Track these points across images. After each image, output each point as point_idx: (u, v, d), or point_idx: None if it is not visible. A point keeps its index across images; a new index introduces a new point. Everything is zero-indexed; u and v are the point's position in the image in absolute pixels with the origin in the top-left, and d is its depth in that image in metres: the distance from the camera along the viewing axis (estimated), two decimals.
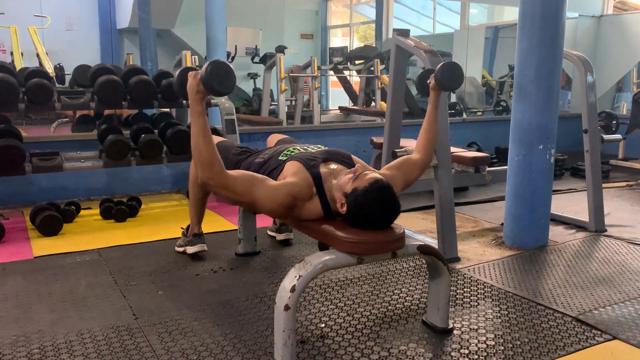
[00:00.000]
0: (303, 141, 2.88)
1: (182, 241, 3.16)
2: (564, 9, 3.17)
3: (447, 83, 2.50)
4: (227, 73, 1.91)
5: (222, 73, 1.90)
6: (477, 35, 8.59)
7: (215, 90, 1.93)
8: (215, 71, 1.89)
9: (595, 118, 3.72)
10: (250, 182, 2.08)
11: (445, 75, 2.47)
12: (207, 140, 1.96)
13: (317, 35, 12.19)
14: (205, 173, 1.99)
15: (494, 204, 4.42)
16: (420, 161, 2.46)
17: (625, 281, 2.81)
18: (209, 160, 1.97)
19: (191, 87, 1.96)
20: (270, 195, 2.08)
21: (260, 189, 2.08)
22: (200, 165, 1.99)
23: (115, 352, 2.05)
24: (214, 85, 1.89)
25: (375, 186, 1.98)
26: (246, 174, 2.12)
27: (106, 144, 3.71)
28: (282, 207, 2.11)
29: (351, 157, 2.36)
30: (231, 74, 1.93)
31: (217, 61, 1.92)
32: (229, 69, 1.92)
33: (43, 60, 6.47)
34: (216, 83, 1.90)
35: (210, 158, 1.97)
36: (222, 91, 1.95)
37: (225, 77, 1.91)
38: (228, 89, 1.95)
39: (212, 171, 1.98)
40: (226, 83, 1.92)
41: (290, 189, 2.11)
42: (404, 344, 2.13)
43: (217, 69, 1.90)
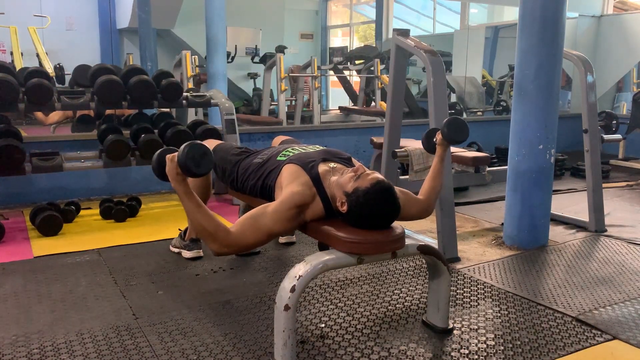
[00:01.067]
0: (303, 141, 2.88)
1: (178, 243, 3.15)
2: (564, 9, 3.17)
3: (454, 137, 2.54)
4: (203, 154, 1.92)
5: (198, 155, 1.91)
6: (477, 35, 8.58)
7: (192, 173, 1.93)
8: (192, 154, 1.90)
9: (595, 118, 3.72)
10: (255, 224, 2.04)
11: (452, 130, 2.52)
12: (204, 215, 1.96)
13: (317, 35, 12.19)
14: (214, 245, 2.00)
15: (494, 204, 4.42)
16: (423, 203, 2.43)
17: (625, 281, 2.81)
18: (213, 231, 1.97)
19: (170, 170, 1.96)
20: (276, 219, 2.05)
21: (266, 220, 2.05)
22: (206, 239, 2.00)
23: (115, 352, 2.05)
24: (191, 168, 1.91)
25: (377, 187, 1.98)
26: (247, 220, 2.06)
27: (106, 144, 3.71)
28: (292, 221, 2.10)
29: (351, 159, 2.36)
30: (208, 155, 1.94)
31: (193, 144, 1.92)
32: (205, 150, 1.93)
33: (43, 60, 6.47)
34: (193, 166, 1.91)
35: (214, 229, 1.97)
36: (199, 173, 1.95)
37: (202, 158, 1.92)
38: (206, 170, 1.96)
39: (219, 240, 1.98)
40: (204, 164, 1.93)
41: (292, 201, 2.08)
42: (404, 344, 2.13)
43: (194, 151, 1.90)
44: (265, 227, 2.04)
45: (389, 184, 2.03)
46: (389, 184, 2.03)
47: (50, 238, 3.39)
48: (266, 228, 2.05)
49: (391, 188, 2.02)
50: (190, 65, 6.46)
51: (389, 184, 2.04)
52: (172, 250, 3.17)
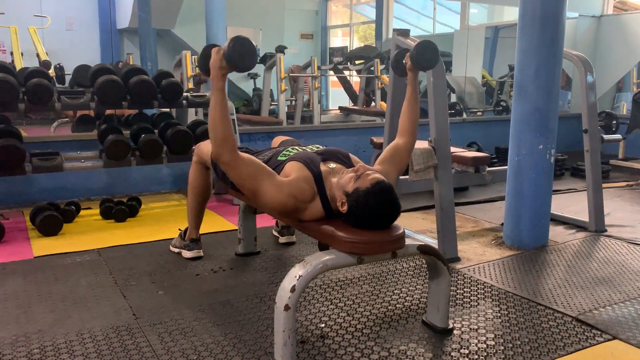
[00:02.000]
0: (303, 141, 2.88)
1: (178, 243, 3.16)
2: (564, 9, 3.17)
3: (423, 63, 2.48)
4: (249, 50, 1.97)
5: (244, 50, 1.95)
6: (477, 35, 8.58)
7: (237, 66, 1.98)
8: (238, 48, 1.94)
9: (595, 118, 3.72)
10: (258, 171, 2.10)
11: (421, 55, 2.44)
12: (223, 117, 2.03)
13: (317, 35, 12.19)
14: (217, 149, 2.04)
15: (494, 204, 4.42)
16: (408, 145, 2.47)
17: (625, 281, 2.81)
18: (222, 136, 2.02)
19: (214, 62, 2.01)
20: (272, 193, 2.09)
21: (266, 181, 2.09)
22: (214, 140, 2.04)
23: (115, 352, 2.05)
24: (236, 61, 1.95)
25: (377, 187, 1.98)
26: (256, 162, 2.13)
27: (106, 144, 3.71)
28: (281, 207, 2.11)
29: (349, 156, 2.36)
30: (253, 50, 1.98)
31: (240, 37, 1.96)
32: (251, 46, 1.97)
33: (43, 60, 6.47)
34: (238, 59, 1.95)
35: (224, 134, 2.02)
36: (243, 67, 2.00)
37: (247, 53, 1.96)
38: (250, 66, 2.00)
39: (224, 147, 2.03)
40: (248, 59, 1.97)
41: (293, 190, 2.10)
42: (404, 344, 2.13)
43: (240, 45, 1.95)
44: (261, 183, 2.08)
45: (389, 184, 2.03)
46: (389, 184, 2.03)
47: (50, 238, 3.39)
48: (260, 185, 2.08)
49: (391, 188, 2.02)
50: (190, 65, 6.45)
51: (389, 184, 2.04)
52: (172, 250, 3.17)
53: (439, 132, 3.05)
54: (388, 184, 2.03)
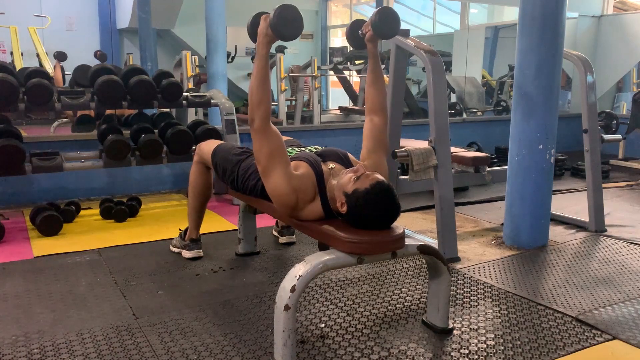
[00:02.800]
0: (303, 141, 2.89)
1: (178, 243, 3.16)
2: (564, 9, 3.17)
3: (385, 30, 2.33)
4: (294, 18, 2.00)
5: (290, 18, 1.99)
6: (477, 35, 8.58)
7: (282, 34, 2.01)
8: (284, 16, 1.98)
9: (595, 118, 3.72)
10: (278, 152, 2.12)
11: (383, 22, 2.30)
12: (262, 83, 2.10)
13: (317, 35, 12.18)
14: (252, 112, 2.11)
15: (494, 204, 4.42)
16: (383, 121, 2.41)
17: (625, 281, 2.81)
18: (258, 100, 2.10)
19: (261, 30, 2.07)
20: (280, 179, 2.10)
21: (279, 166, 2.11)
22: (250, 104, 2.11)
23: (115, 352, 2.05)
24: (281, 28, 1.99)
25: (376, 188, 1.98)
26: (282, 143, 2.16)
27: (106, 144, 3.71)
28: (282, 197, 2.12)
29: (348, 155, 2.36)
30: (299, 18, 2.01)
31: (286, 5, 1.99)
32: (297, 14, 2.00)
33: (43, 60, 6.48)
34: (283, 26, 1.99)
35: (260, 99, 2.10)
36: (288, 34, 2.02)
37: (293, 21, 1.99)
38: (295, 34, 2.03)
39: (257, 112, 2.10)
40: (293, 27, 2.00)
41: (299, 184, 2.11)
42: (404, 344, 2.13)
43: (286, 14, 1.98)
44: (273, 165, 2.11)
45: (388, 184, 2.03)
46: (389, 185, 2.03)
47: (50, 238, 3.39)
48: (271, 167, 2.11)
49: (391, 189, 2.02)
50: (190, 65, 6.46)
51: (389, 184, 2.03)
52: (172, 250, 3.17)
53: (439, 132, 3.05)
54: (387, 184, 2.03)
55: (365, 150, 2.39)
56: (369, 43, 2.39)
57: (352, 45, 2.53)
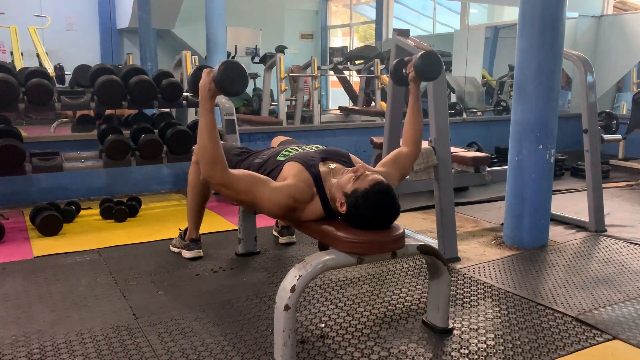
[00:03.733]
0: (303, 141, 2.88)
1: (178, 243, 3.16)
2: (564, 9, 3.17)
3: (427, 74, 2.40)
4: (240, 74, 1.94)
5: (235, 74, 1.92)
6: (477, 35, 8.59)
7: (226, 90, 1.95)
8: (228, 72, 1.91)
9: (595, 118, 3.72)
10: (252, 182, 2.09)
11: (426, 65, 2.36)
12: (212, 138, 1.99)
13: (317, 35, 12.20)
14: (208, 171, 2.01)
15: (494, 204, 4.42)
16: (412, 153, 2.47)
17: (625, 281, 2.81)
18: (212, 157, 2.00)
19: (204, 84, 1.98)
20: (270, 197, 2.09)
21: (262, 189, 2.09)
22: (203, 162, 2.01)
23: (115, 352, 2.05)
24: (225, 85, 1.92)
25: (376, 188, 1.98)
26: (248, 174, 2.13)
27: (106, 144, 3.71)
28: (282, 208, 2.11)
29: (350, 156, 2.36)
30: (244, 75, 1.95)
31: (231, 62, 1.95)
32: (242, 71, 1.94)
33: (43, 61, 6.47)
34: (228, 83, 1.92)
35: (214, 156, 2.00)
36: (233, 92, 1.97)
37: (238, 78, 1.93)
38: (239, 90, 1.97)
39: (215, 169, 2.01)
40: (238, 84, 1.94)
41: (291, 191, 2.11)
42: (404, 344, 2.13)
43: (230, 69, 1.92)
44: (257, 193, 2.07)
45: (388, 184, 2.03)
46: (388, 185, 2.03)
47: (50, 238, 3.39)
48: (257, 195, 2.08)
49: (390, 189, 2.02)
50: (190, 65, 6.46)
51: (388, 184, 2.03)
52: (172, 250, 3.17)
53: (439, 132, 3.05)
54: (387, 184, 2.03)
55: (382, 161, 2.44)
56: (412, 82, 2.46)
57: (396, 83, 2.61)
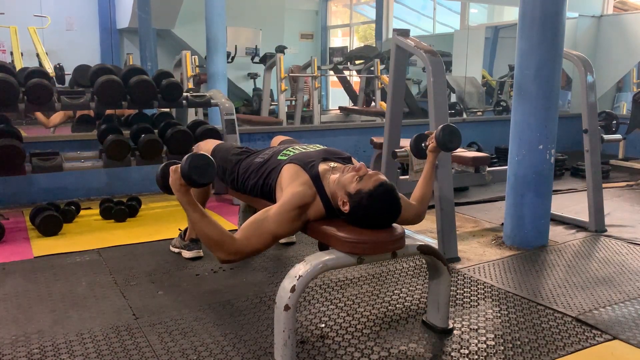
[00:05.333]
0: (303, 141, 2.88)
1: (178, 243, 3.16)
2: (564, 9, 3.17)
3: (449, 145, 2.49)
4: (206, 164, 1.93)
5: (201, 165, 1.92)
6: (477, 35, 8.58)
7: (196, 183, 1.93)
8: (195, 164, 1.91)
9: (595, 118, 3.72)
10: (259, 229, 2.05)
11: (447, 138, 2.46)
12: (208, 224, 1.96)
13: (317, 35, 12.19)
14: (220, 253, 2.00)
15: (494, 204, 4.42)
16: (417, 209, 2.43)
17: (625, 281, 2.81)
18: (218, 239, 1.97)
19: (174, 181, 1.95)
20: (280, 222, 2.06)
21: (269, 224, 2.05)
22: (212, 247, 1.99)
23: (115, 352, 2.05)
24: (194, 178, 1.91)
25: (380, 189, 1.98)
26: (250, 225, 2.07)
27: (106, 144, 3.71)
28: (295, 222, 2.10)
29: (351, 158, 2.36)
30: (211, 165, 1.94)
31: (194, 154, 1.94)
32: (208, 161, 1.94)
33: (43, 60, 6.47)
34: (196, 176, 1.91)
35: (218, 237, 1.97)
36: (203, 183, 1.96)
37: (204, 168, 1.93)
38: (209, 180, 1.97)
39: (224, 248, 1.98)
40: (207, 174, 1.93)
41: (292, 202, 2.09)
42: (404, 344, 2.13)
43: (196, 162, 1.91)
44: (268, 230, 2.05)
45: (391, 185, 2.03)
46: (392, 186, 2.03)
47: (50, 238, 3.39)
48: (270, 231, 2.05)
49: (394, 190, 2.03)
50: (190, 65, 6.46)
51: (392, 185, 2.04)
52: (172, 250, 3.17)
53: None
54: (391, 185, 2.03)
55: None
56: (431, 153, 2.52)
57: (415, 155, 2.71)
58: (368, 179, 2.01)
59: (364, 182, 2.01)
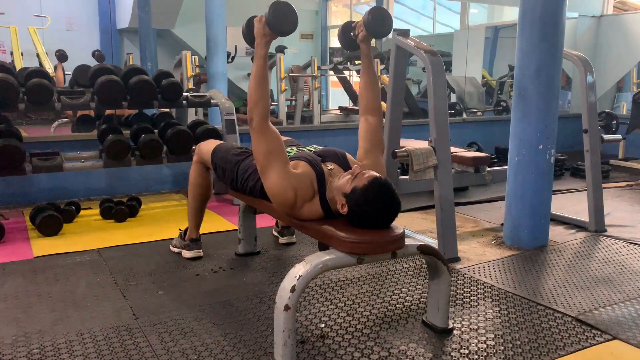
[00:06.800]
0: (303, 141, 2.89)
1: (178, 243, 3.16)
2: (564, 9, 3.17)
3: (379, 29, 2.37)
4: (290, 12, 2.01)
5: (285, 12, 2.01)
6: (477, 35, 8.58)
7: (280, 30, 2.02)
8: (279, 12, 1.99)
9: (595, 118, 3.72)
10: (276, 151, 2.14)
11: (378, 22, 2.34)
12: (261, 83, 2.12)
13: (317, 35, 12.18)
14: (250, 112, 2.14)
15: (494, 204, 4.42)
16: (378, 122, 2.45)
17: (625, 281, 2.81)
18: (257, 99, 2.12)
19: (258, 31, 2.10)
20: (279, 178, 2.11)
21: (277, 165, 2.12)
22: (249, 103, 2.14)
23: (115, 352, 2.05)
24: (278, 24, 2.00)
25: (374, 184, 1.99)
26: (280, 143, 2.17)
27: (106, 144, 3.71)
28: (281, 195, 2.13)
29: (346, 155, 2.37)
30: (293, 12, 2.02)
31: (280, 2, 2.01)
32: (291, 8, 2.02)
33: (43, 60, 6.47)
34: (280, 23, 2.00)
35: (258, 97, 2.12)
36: (286, 30, 2.04)
37: (289, 16, 2.01)
38: (291, 29, 2.05)
39: (255, 111, 2.12)
40: (290, 23, 2.02)
41: (298, 183, 2.12)
42: (404, 344, 2.13)
43: (280, 9, 2.00)
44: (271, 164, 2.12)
45: (385, 179, 2.04)
46: (386, 180, 2.04)
47: (50, 238, 3.39)
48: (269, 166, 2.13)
49: (388, 183, 2.03)
50: (190, 65, 6.46)
51: (386, 179, 2.04)
52: (172, 250, 3.17)
53: (439, 132, 3.05)
54: (385, 179, 2.03)
55: (361, 150, 2.42)
56: (362, 43, 2.43)
57: (345, 47, 2.57)
58: (361, 177, 2.03)
59: (357, 180, 2.03)
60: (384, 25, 2.36)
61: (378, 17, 2.34)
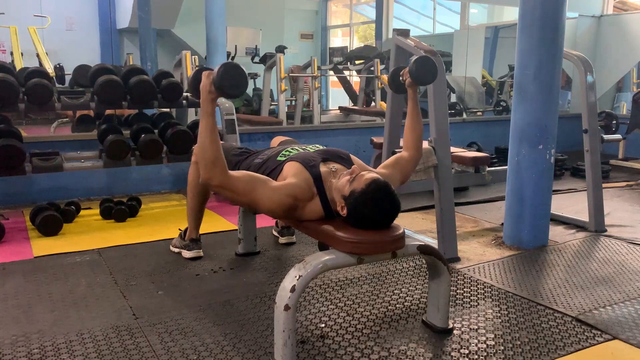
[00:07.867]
0: (303, 141, 2.88)
1: (178, 243, 3.16)
2: (564, 9, 3.17)
3: (422, 78, 2.45)
4: (239, 76, 1.93)
5: (234, 76, 1.92)
6: (477, 35, 8.59)
7: (226, 93, 1.95)
8: (227, 74, 1.91)
9: (595, 118, 3.72)
10: (251, 183, 2.09)
11: (420, 71, 2.41)
12: (213, 140, 1.99)
13: (317, 35, 12.20)
14: (207, 173, 2.01)
15: (494, 204, 4.42)
16: (413, 157, 2.50)
17: (625, 281, 2.81)
18: (212, 159, 1.99)
19: (204, 87, 1.98)
20: (270, 197, 2.09)
21: (261, 189, 2.09)
22: (203, 164, 2.01)
23: (115, 352, 2.05)
24: (225, 88, 1.91)
25: (372, 186, 1.98)
26: (247, 175, 2.12)
27: (106, 144, 3.71)
28: (281, 208, 2.11)
29: (350, 156, 2.36)
30: (243, 77, 1.94)
31: (230, 64, 1.94)
32: (241, 72, 1.94)
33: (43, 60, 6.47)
34: (227, 86, 1.91)
35: (214, 157, 1.99)
36: (232, 94, 1.97)
37: (237, 80, 1.93)
38: (239, 92, 1.97)
39: (214, 171, 2.00)
40: (238, 86, 1.94)
41: (291, 190, 2.11)
42: (404, 344, 2.13)
43: (230, 71, 1.92)
44: (257, 194, 2.08)
45: (384, 181, 2.03)
46: (385, 182, 2.03)
47: (50, 238, 3.39)
48: (257, 195, 2.08)
49: (387, 185, 2.02)
50: (190, 65, 6.45)
51: (385, 181, 2.04)
52: (172, 250, 3.17)
53: (439, 132, 3.05)
54: (383, 181, 2.03)
55: (384, 163, 2.47)
56: (409, 88, 2.51)
57: (394, 90, 2.65)
58: (360, 179, 2.02)
59: (356, 182, 2.02)
60: (427, 74, 2.44)
61: (421, 67, 2.41)
